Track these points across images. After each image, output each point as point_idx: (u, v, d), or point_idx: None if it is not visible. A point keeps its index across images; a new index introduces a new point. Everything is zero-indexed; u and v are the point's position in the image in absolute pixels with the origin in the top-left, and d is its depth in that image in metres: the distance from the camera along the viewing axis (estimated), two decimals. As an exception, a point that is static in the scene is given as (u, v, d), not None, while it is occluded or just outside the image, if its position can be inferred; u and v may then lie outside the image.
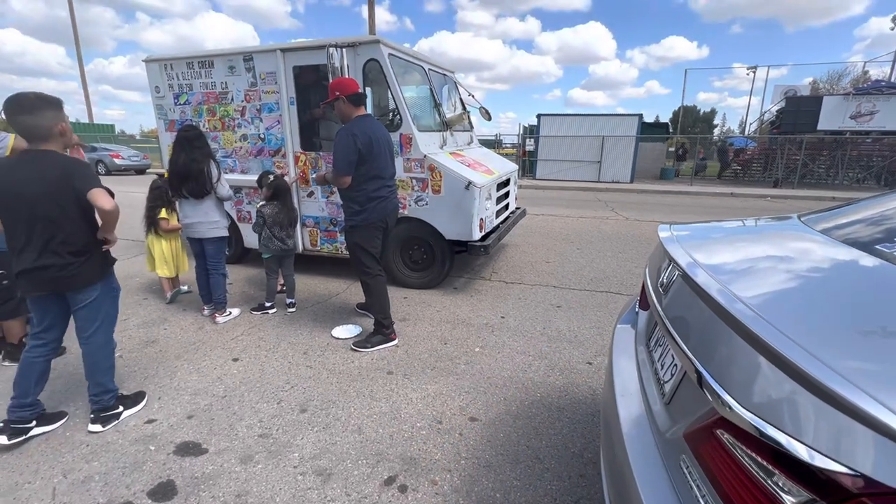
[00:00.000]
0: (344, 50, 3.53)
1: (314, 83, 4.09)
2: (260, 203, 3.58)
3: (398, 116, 3.84)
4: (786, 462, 0.66)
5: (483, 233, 3.92)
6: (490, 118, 5.36)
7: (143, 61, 4.58)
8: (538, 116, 15.55)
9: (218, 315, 3.45)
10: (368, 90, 4.24)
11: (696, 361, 0.92)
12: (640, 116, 14.75)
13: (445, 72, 5.04)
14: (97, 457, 2.00)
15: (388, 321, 3.04)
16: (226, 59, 4.19)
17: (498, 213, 4.47)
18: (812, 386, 0.66)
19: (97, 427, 2.16)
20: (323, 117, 4.15)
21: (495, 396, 2.46)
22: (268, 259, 3.60)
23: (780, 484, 0.67)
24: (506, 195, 4.81)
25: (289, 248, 3.57)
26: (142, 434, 2.15)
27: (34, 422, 2.12)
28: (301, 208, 4.31)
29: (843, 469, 0.59)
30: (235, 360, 2.86)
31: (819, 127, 13.68)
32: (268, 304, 3.63)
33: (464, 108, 5.36)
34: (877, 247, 1.04)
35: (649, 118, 20.19)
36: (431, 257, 4.08)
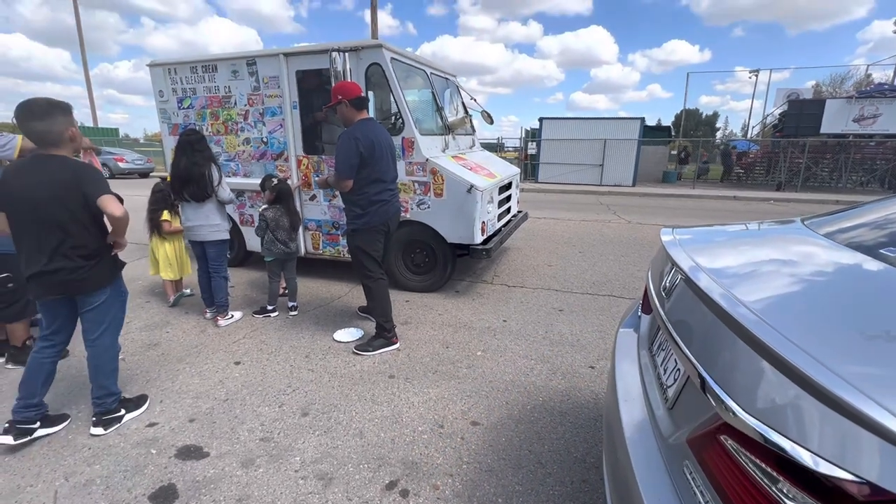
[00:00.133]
0: (347, 54, 3.54)
1: (317, 87, 4.12)
2: (263, 206, 3.60)
3: (400, 120, 3.85)
4: (790, 469, 0.66)
5: (485, 236, 3.92)
6: (492, 122, 5.37)
7: (148, 66, 4.62)
8: (540, 120, 15.56)
9: (220, 318, 3.45)
10: (371, 94, 4.25)
11: (699, 366, 0.91)
12: (642, 120, 14.74)
13: (447, 76, 5.05)
14: (99, 460, 2.00)
15: (390, 325, 3.04)
16: (229, 64, 4.22)
17: (500, 217, 4.47)
18: (817, 391, 0.66)
19: (99, 430, 2.16)
20: (325, 120, 4.17)
21: (497, 400, 2.45)
22: (270, 262, 3.60)
23: (785, 491, 0.66)
24: (508, 199, 4.81)
25: (291, 252, 3.58)
26: (143, 437, 2.15)
27: (38, 423, 2.13)
28: (303, 212, 4.32)
29: (849, 476, 0.59)
30: (237, 364, 2.86)
31: (822, 130, 13.66)
32: (270, 308, 3.64)
33: (466, 112, 5.37)
34: (881, 251, 1.04)
35: (651, 121, 20.18)
36: (433, 261, 4.08)
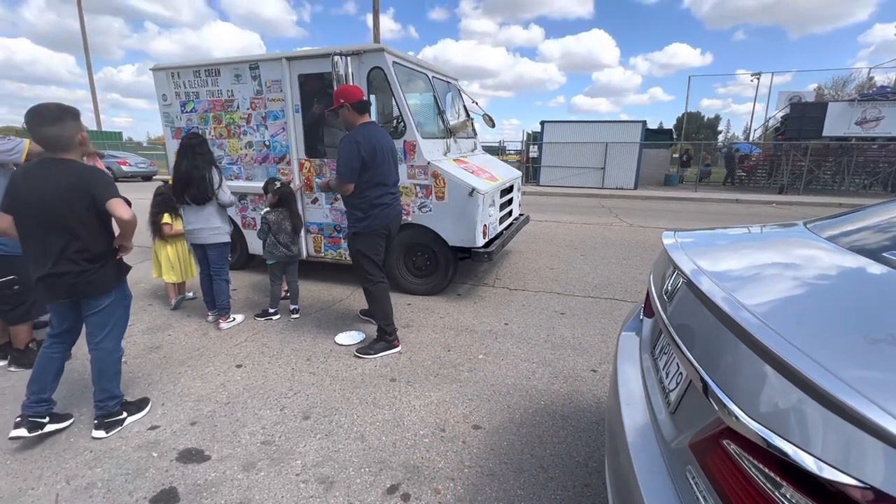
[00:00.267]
0: (349, 58, 3.56)
1: (319, 91, 4.13)
2: (265, 210, 3.61)
3: (402, 123, 3.86)
4: (793, 474, 0.65)
5: (486, 239, 3.92)
6: (493, 125, 5.38)
7: (151, 70, 4.64)
8: (542, 123, 15.60)
9: (222, 321, 3.46)
10: (373, 98, 4.27)
11: (702, 370, 0.91)
12: (644, 123, 14.75)
13: (449, 79, 5.07)
14: (100, 463, 2.00)
15: (392, 328, 3.04)
16: (232, 68, 4.24)
17: (501, 220, 4.48)
18: (820, 396, 0.65)
19: (101, 433, 2.17)
20: (322, 116, 4.18)
21: (499, 404, 2.45)
22: (272, 265, 3.61)
23: (788, 496, 0.65)
24: (509, 202, 4.81)
25: (293, 255, 3.59)
26: (145, 440, 2.15)
27: (47, 418, 2.15)
28: (305, 215, 4.33)
29: (853, 481, 0.58)
30: (239, 367, 2.86)
31: (824, 133, 13.62)
32: (271, 311, 3.64)
33: (467, 115, 5.38)
34: (884, 254, 1.03)
35: (653, 125, 20.22)
36: (435, 264, 4.09)
